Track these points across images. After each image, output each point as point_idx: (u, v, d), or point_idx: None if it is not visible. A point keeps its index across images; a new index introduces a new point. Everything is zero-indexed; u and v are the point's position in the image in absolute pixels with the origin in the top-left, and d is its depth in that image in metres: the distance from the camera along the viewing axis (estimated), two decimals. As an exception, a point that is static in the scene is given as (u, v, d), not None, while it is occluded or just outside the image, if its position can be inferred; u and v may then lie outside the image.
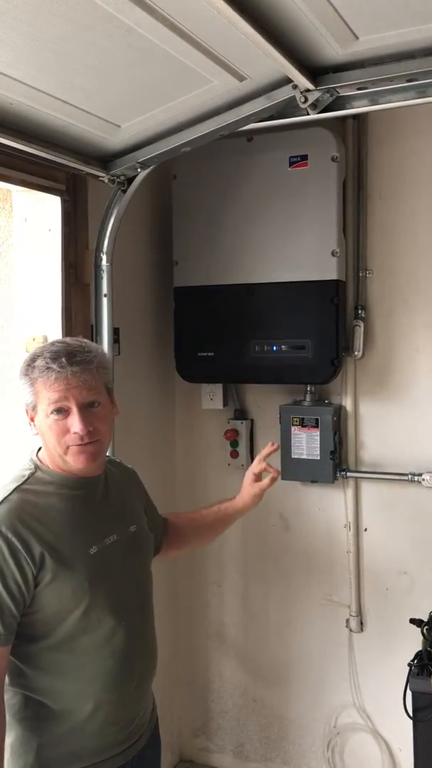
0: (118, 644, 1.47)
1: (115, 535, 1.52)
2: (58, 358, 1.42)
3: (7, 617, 1.34)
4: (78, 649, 1.43)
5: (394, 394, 2.39)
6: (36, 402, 1.45)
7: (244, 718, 2.70)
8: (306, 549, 2.55)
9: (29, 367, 1.45)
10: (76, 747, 1.44)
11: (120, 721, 1.49)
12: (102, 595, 1.45)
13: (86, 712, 1.44)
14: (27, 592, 1.36)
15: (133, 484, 1.70)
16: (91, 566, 1.44)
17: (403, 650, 2.29)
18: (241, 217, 2.32)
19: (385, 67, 1.54)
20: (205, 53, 1.44)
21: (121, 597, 1.50)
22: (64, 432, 1.44)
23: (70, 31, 1.31)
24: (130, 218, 2.15)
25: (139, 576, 1.60)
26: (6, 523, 1.36)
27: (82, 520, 1.47)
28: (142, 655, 1.55)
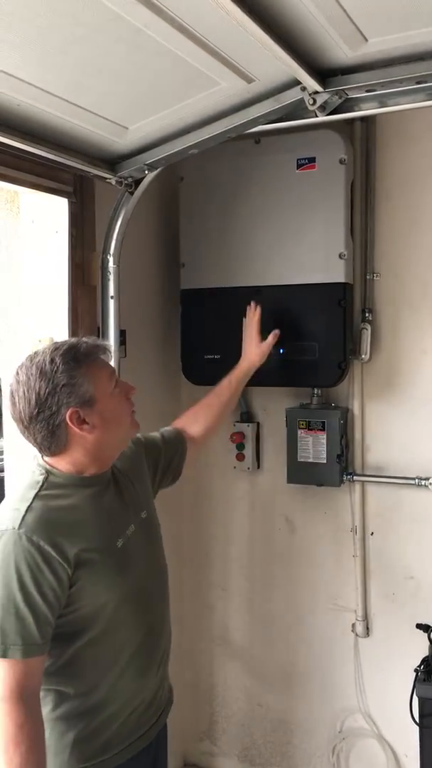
0: (146, 632, 1.52)
1: (133, 525, 1.55)
2: (92, 343, 1.49)
3: (44, 626, 1.34)
4: (111, 641, 1.46)
5: (401, 397, 2.38)
6: (94, 390, 1.43)
7: (249, 723, 2.69)
8: (312, 553, 2.54)
9: (73, 361, 1.42)
10: (109, 736, 1.47)
11: (144, 702, 1.54)
12: (131, 585, 1.49)
13: (119, 702, 1.47)
14: (62, 597, 1.37)
15: (134, 464, 1.69)
16: (120, 559, 1.47)
17: (410, 655, 2.28)
18: (248, 219, 2.31)
19: (394, 69, 1.54)
20: (214, 55, 1.44)
21: (147, 585, 1.55)
22: (127, 402, 1.53)
23: (77, 33, 1.31)
24: (137, 220, 2.14)
25: (158, 560, 1.64)
26: (37, 531, 1.35)
27: (104, 515, 1.49)
28: (164, 638, 1.61)
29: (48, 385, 1.39)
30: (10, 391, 1.44)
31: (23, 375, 1.42)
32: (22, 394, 1.41)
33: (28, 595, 1.32)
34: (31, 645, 1.32)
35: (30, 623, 1.32)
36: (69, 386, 1.40)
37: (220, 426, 2.06)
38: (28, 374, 1.41)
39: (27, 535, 1.34)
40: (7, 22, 1.24)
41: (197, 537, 2.73)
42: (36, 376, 1.40)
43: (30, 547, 1.34)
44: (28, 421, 1.41)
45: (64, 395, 1.40)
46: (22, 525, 1.35)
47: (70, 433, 1.42)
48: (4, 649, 1.30)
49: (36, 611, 1.32)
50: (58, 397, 1.39)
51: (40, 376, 1.40)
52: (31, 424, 1.41)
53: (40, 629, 1.33)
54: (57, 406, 1.39)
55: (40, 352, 1.45)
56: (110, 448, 1.52)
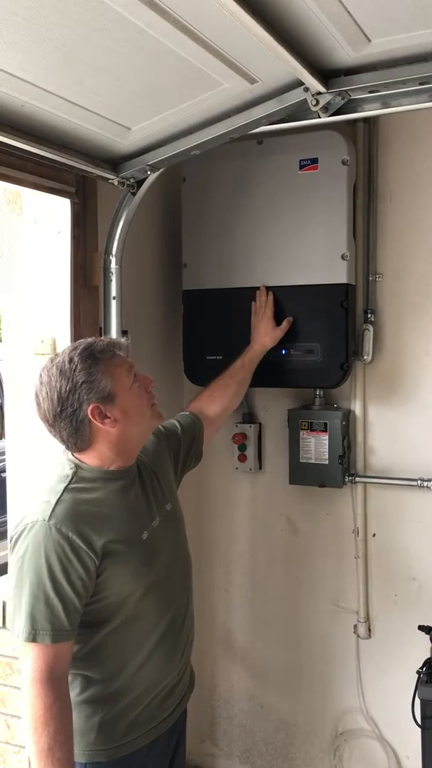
0: (170, 620, 1.59)
1: (158, 518, 1.61)
2: (107, 341, 1.55)
3: (72, 614, 1.40)
4: (137, 629, 1.52)
5: (404, 398, 2.38)
6: (113, 385, 1.50)
7: (251, 724, 2.69)
8: (314, 554, 2.53)
9: (91, 358, 1.49)
10: (133, 719, 1.54)
11: (170, 686, 1.61)
12: (156, 576, 1.55)
13: (143, 687, 1.54)
14: (90, 586, 1.43)
15: (157, 456, 1.76)
16: (146, 550, 1.54)
17: (412, 657, 2.27)
18: (250, 220, 2.31)
19: (397, 70, 1.53)
20: (217, 56, 1.44)
21: (171, 575, 1.61)
22: (147, 395, 1.58)
23: (81, 33, 1.31)
24: (140, 221, 2.14)
25: (182, 551, 1.72)
26: (66, 523, 1.42)
27: (131, 508, 1.56)
28: (188, 625, 1.69)
29: (68, 384, 1.46)
30: (35, 393, 1.51)
31: (45, 376, 1.49)
32: (45, 395, 1.48)
33: (58, 584, 1.39)
34: (59, 631, 1.38)
35: (59, 610, 1.38)
36: (88, 383, 1.47)
37: (235, 406, 2.15)
38: (49, 375, 1.49)
39: (57, 527, 1.41)
40: (10, 23, 1.24)
41: (199, 538, 2.72)
42: (56, 376, 1.47)
43: (59, 538, 1.40)
44: (53, 419, 1.48)
45: (84, 392, 1.46)
46: (52, 517, 1.42)
47: (93, 428, 1.49)
48: (35, 633, 1.37)
49: (65, 599, 1.39)
50: (78, 394, 1.46)
51: (60, 375, 1.47)
52: (56, 422, 1.48)
53: (68, 616, 1.39)
54: (78, 402, 1.46)
55: (59, 354, 1.53)
56: (134, 441, 1.58)
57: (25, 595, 1.39)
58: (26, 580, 1.39)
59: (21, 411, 2.09)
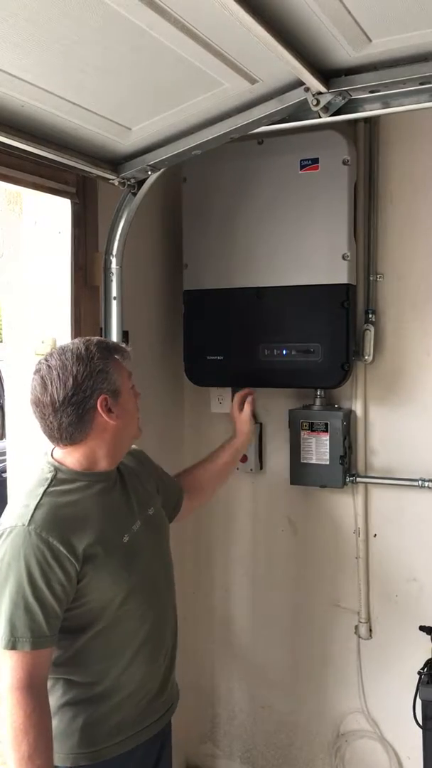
0: (153, 622, 1.58)
1: (139, 521, 1.59)
2: (117, 343, 1.58)
3: (52, 620, 1.39)
4: (119, 633, 1.51)
5: (405, 398, 2.37)
6: (120, 383, 1.51)
7: (252, 725, 2.68)
8: (314, 554, 2.53)
9: (107, 351, 1.50)
10: (119, 721, 1.52)
11: (153, 690, 1.59)
12: (137, 580, 1.53)
13: (127, 690, 1.52)
14: (71, 591, 1.41)
15: (143, 466, 1.76)
16: (126, 554, 1.52)
17: (413, 658, 2.27)
18: (251, 220, 2.31)
19: (398, 70, 1.53)
20: (217, 56, 1.43)
21: (153, 578, 1.60)
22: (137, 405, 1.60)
23: (81, 33, 1.31)
24: (140, 221, 2.14)
25: (163, 555, 1.70)
26: (46, 528, 1.40)
27: (111, 511, 1.54)
28: (170, 627, 1.68)
29: (86, 369, 1.45)
30: (41, 376, 1.47)
31: (56, 360, 1.47)
32: (56, 377, 1.45)
33: (38, 590, 1.37)
34: (39, 637, 1.36)
35: (39, 617, 1.36)
36: (104, 373, 1.47)
37: (216, 490, 2.16)
38: (62, 359, 1.46)
39: (36, 532, 1.38)
40: (11, 23, 1.24)
41: (199, 538, 2.72)
42: (73, 360, 1.46)
43: (39, 544, 1.38)
44: (60, 403, 1.45)
45: (100, 381, 1.47)
46: (32, 521, 1.39)
47: (95, 420, 1.48)
48: (14, 641, 1.35)
49: (45, 605, 1.37)
50: (93, 381, 1.46)
51: (78, 360, 1.46)
52: (62, 407, 1.45)
53: (48, 622, 1.37)
54: (91, 390, 1.46)
55: (69, 343, 1.52)
56: (123, 443, 1.58)
57: (5, 602, 1.36)
58: (6, 587, 1.37)
59: (22, 411, 2.09)
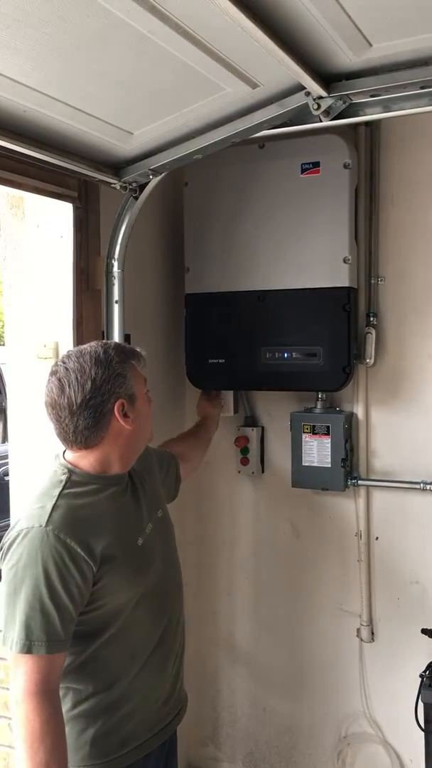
0: (163, 627, 1.56)
1: (151, 524, 1.59)
2: (134, 348, 1.57)
3: (68, 623, 1.37)
4: (131, 638, 1.49)
5: (406, 401, 2.37)
6: (136, 388, 1.51)
7: (254, 728, 2.68)
8: (316, 557, 2.53)
9: (124, 355, 1.49)
10: (129, 731, 1.50)
11: (162, 697, 1.57)
12: (150, 583, 1.52)
13: (138, 698, 1.50)
14: (86, 594, 1.40)
15: (148, 464, 1.75)
16: (141, 557, 1.51)
17: (415, 661, 2.27)
18: (252, 223, 2.32)
19: (399, 74, 1.53)
20: (218, 61, 1.44)
21: (163, 582, 1.59)
22: None
23: (83, 39, 1.32)
24: (142, 225, 2.15)
25: (173, 557, 1.69)
26: (64, 529, 1.38)
27: (125, 514, 1.53)
28: (179, 633, 1.65)
29: (105, 372, 1.44)
30: (57, 379, 1.45)
31: (74, 363, 1.45)
32: (74, 380, 1.43)
33: (55, 592, 1.34)
34: (55, 641, 1.34)
35: (55, 620, 1.34)
36: (122, 377, 1.46)
37: (197, 465, 2.26)
38: (80, 362, 1.45)
39: (54, 533, 1.37)
40: (13, 29, 1.25)
41: (202, 541, 2.72)
42: (91, 364, 1.44)
43: (57, 545, 1.36)
44: (78, 406, 1.43)
45: (117, 385, 1.46)
46: (49, 522, 1.38)
47: (111, 424, 1.47)
48: (30, 644, 1.32)
49: (61, 608, 1.35)
50: (111, 385, 1.45)
51: (96, 363, 1.44)
52: (80, 410, 1.43)
53: (64, 626, 1.35)
54: (109, 394, 1.45)
55: (86, 346, 1.50)
56: (137, 448, 1.57)
57: (21, 605, 1.33)
58: (21, 589, 1.34)
59: (24, 414, 2.09)
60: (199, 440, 2.27)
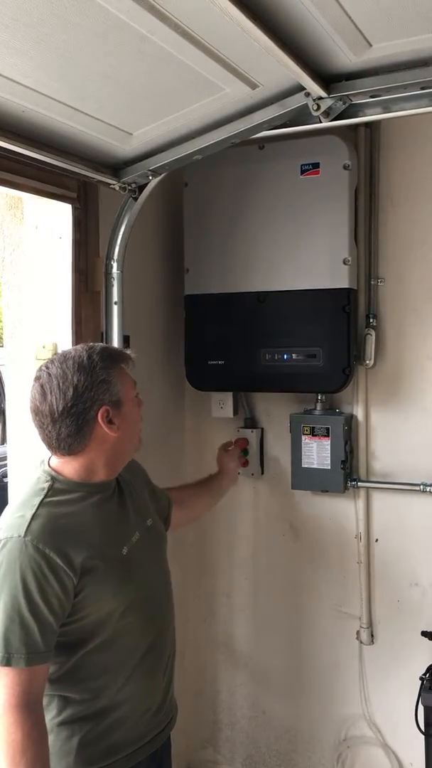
0: (152, 636, 1.53)
1: (138, 533, 1.56)
2: (122, 349, 1.55)
3: (48, 635, 1.34)
4: (118, 647, 1.46)
5: (406, 403, 2.37)
6: (123, 393, 1.47)
7: (253, 730, 2.67)
8: (316, 559, 2.52)
9: (110, 360, 1.46)
10: (116, 740, 1.47)
11: (153, 706, 1.54)
12: (137, 592, 1.49)
13: (125, 707, 1.47)
14: (67, 605, 1.36)
15: (137, 477, 1.72)
16: (125, 567, 1.48)
17: (415, 663, 2.26)
18: (252, 224, 2.31)
19: (399, 75, 1.53)
20: (218, 61, 1.44)
21: (152, 591, 1.56)
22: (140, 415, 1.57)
23: (82, 39, 1.31)
24: (141, 226, 2.14)
25: (162, 567, 1.66)
26: (43, 539, 1.35)
27: (110, 523, 1.50)
28: (169, 642, 1.62)
29: (87, 379, 1.41)
30: (40, 384, 1.43)
31: (57, 369, 1.42)
32: (56, 386, 1.41)
33: (34, 604, 1.32)
34: (35, 653, 1.32)
35: (34, 632, 1.32)
36: (106, 383, 1.43)
37: (202, 512, 2.20)
38: (63, 368, 1.42)
39: (33, 543, 1.34)
40: (12, 29, 1.24)
41: (201, 543, 2.72)
42: (74, 370, 1.41)
43: (36, 556, 1.33)
44: (59, 414, 1.41)
45: (101, 391, 1.42)
46: (28, 533, 1.35)
47: (95, 431, 1.44)
48: (9, 657, 1.30)
49: (41, 620, 1.32)
50: (94, 392, 1.42)
51: (79, 369, 1.41)
52: (61, 417, 1.41)
53: (44, 637, 1.33)
54: (92, 401, 1.42)
55: (72, 350, 1.47)
56: (123, 454, 1.54)
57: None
58: (0, 601, 1.32)
59: (23, 416, 2.08)
60: (207, 491, 2.16)
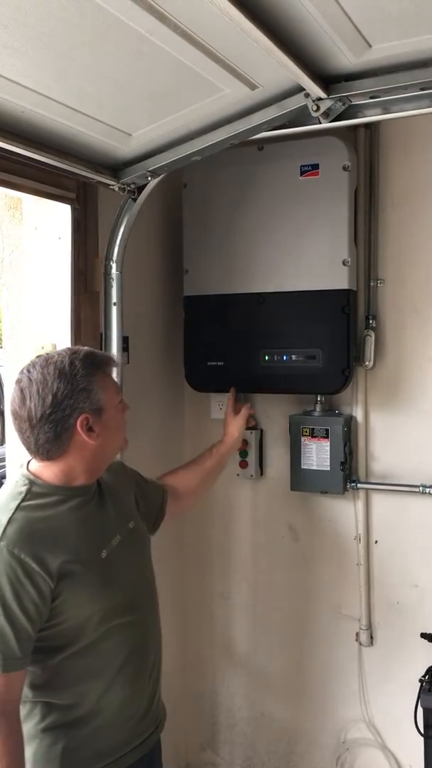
0: (135, 640, 1.51)
1: (119, 536, 1.53)
2: (106, 354, 1.55)
3: (24, 641, 1.33)
4: (99, 651, 1.44)
5: (406, 404, 2.37)
6: (105, 399, 1.45)
7: (252, 732, 2.67)
8: (315, 561, 2.52)
9: (92, 366, 1.43)
10: (100, 746, 1.46)
11: (138, 712, 1.52)
12: (117, 596, 1.47)
13: (109, 712, 1.46)
14: (44, 610, 1.35)
15: (121, 478, 1.70)
16: (105, 570, 1.46)
17: (414, 665, 2.26)
18: (251, 225, 2.31)
19: (398, 76, 1.53)
20: (218, 62, 1.44)
21: (133, 594, 1.53)
22: (124, 419, 1.55)
23: (82, 40, 1.31)
24: (140, 227, 2.14)
25: (145, 570, 1.63)
26: (18, 544, 1.34)
27: (88, 526, 1.48)
28: (154, 647, 1.59)
29: (66, 387, 1.39)
30: (20, 389, 1.41)
31: (38, 374, 1.40)
32: (35, 392, 1.39)
33: (8, 609, 1.31)
34: (10, 659, 1.31)
35: (10, 638, 1.30)
36: (86, 391, 1.41)
37: (202, 493, 2.09)
38: (44, 373, 1.40)
39: (8, 548, 1.33)
40: (11, 29, 1.24)
41: (200, 544, 2.71)
42: (54, 376, 1.39)
43: (11, 561, 1.32)
44: (38, 420, 1.39)
45: (81, 399, 1.40)
46: (3, 537, 1.34)
47: (74, 438, 1.42)
48: None
49: (16, 626, 1.31)
50: (74, 400, 1.39)
51: (60, 376, 1.39)
52: (39, 423, 1.39)
53: (20, 644, 1.31)
54: (71, 409, 1.40)
55: (55, 354, 1.44)
56: (104, 459, 1.53)
57: None
58: None
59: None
60: (204, 470, 2.03)
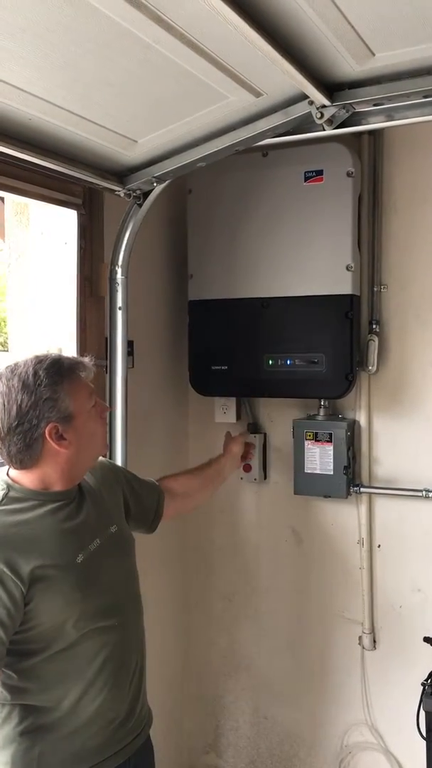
0: (114, 644, 1.49)
1: (98, 539, 1.52)
2: (74, 359, 1.50)
3: None
4: (77, 654, 1.43)
5: (409, 409, 2.38)
6: (74, 406, 1.43)
7: (255, 735, 2.67)
8: (318, 565, 2.53)
9: (58, 375, 1.41)
10: (78, 748, 1.44)
11: (119, 717, 1.51)
12: (94, 600, 1.46)
13: (87, 716, 1.44)
14: (17, 615, 1.34)
15: (107, 480, 1.68)
16: (80, 574, 1.44)
17: (417, 669, 2.26)
18: (256, 231, 2.32)
19: (402, 84, 1.54)
20: (223, 70, 1.45)
21: (112, 598, 1.51)
22: (101, 421, 1.53)
23: (89, 48, 1.33)
24: (146, 232, 2.16)
25: (126, 574, 1.61)
26: None
27: (65, 530, 1.47)
28: (136, 650, 1.57)
29: (30, 398, 1.38)
30: None
31: (3, 385, 1.40)
32: (1, 405, 1.39)
33: None
34: None
35: None
36: (51, 401, 1.40)
37: (201, 498, 2.11)
38: (9, 385, 1.40)
39: None
40: (19, 38, 1.26)
41: (203, 548, 2.72)
42: (18, 388, 1.39)
43: None
44: (6, 432, 1.40)
45: (46, 409, 1.39)
46: None
47: (45, 447, 1.42)
48: None
49: None
50: (39, 411, 1.39)
51: (23, 388, 1.39)
52: (8, 435, 1.40)
53: None
54: (37, 419, 1.39)
55: (21, 364, 1.43)
56: (81, 466, 1.52)
57: None
58: None
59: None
60: (203, 476, 2.08)
